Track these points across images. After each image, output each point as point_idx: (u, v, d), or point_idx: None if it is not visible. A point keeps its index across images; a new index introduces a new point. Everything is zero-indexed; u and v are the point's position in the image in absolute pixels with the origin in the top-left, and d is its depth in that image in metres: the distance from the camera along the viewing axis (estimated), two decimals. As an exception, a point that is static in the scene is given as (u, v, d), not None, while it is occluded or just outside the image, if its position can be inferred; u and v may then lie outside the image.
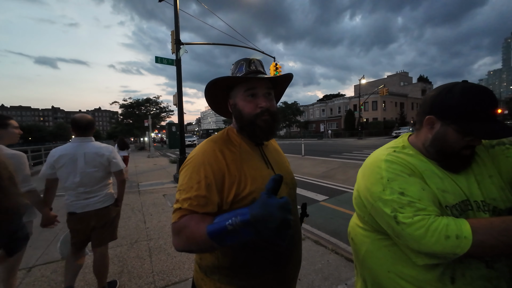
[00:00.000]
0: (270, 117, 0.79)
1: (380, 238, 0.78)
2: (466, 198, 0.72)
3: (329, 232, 3.36)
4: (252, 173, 0.75)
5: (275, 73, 11.69)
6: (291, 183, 0.88)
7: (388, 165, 0.74)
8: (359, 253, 0.86)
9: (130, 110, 35.02)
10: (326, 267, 2.35)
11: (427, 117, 0.75)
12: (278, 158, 0.90)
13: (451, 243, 0.59)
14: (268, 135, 0.81)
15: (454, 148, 0.72)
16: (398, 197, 0.68)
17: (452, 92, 0.71)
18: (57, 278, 2.29)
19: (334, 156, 11.76)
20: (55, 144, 17.02)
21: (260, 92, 0.78)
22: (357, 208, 0.84)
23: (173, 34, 7.89)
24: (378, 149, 0.87)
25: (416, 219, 0.63)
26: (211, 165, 0.71)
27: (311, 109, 51.92)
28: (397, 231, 0.67)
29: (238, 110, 0.80)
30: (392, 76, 55.39)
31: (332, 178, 6.78)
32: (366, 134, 32.65)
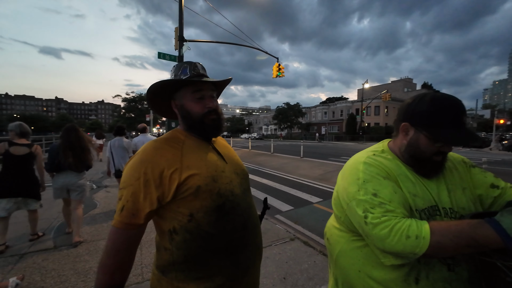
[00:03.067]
0: (217, 116, 0.87)
1: (354, 239, 0.81)
2: (435, 204, 0.75)
3: (319, 233, 3.39)
4: (194, 163, 0.78)
5: (277, 74, 11.69)
6: (242, 173, 0.94)
7: (366, 167, 0.77)
8: (333, 252, 0.89)
9: (133, 104, 35.10)
10: (312, 268, 2.39)
11: (402, 124, 0.79)
12: (228, 152, 0.97)
13: (411, 243, 0.62)
14: (216, 132, 0.89)
15: (426, 154, 0.75)
16: (370, 198, 0.71)
17: (423, 101, 0.75)
18: (48, 265, 2.34)
19: (332, 159, 11.77)
20: (57, 135, 17.09)
21: (206, 94, 0.85)
22: (335, 208, 0.87)
23: (177, 31, 7.93)
24: (359, 152, 0.90)
25: (383, 219, 0.66)
26: (152, 162, 0.74)
27: (313, 111, 51.86)
28: (366, 231, 0.70)
29: (187, 111, 0.85)
30: (396, 81, 55.20)
31: (328, 181, 6.80)
32: (367, 139, 32.59)
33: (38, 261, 2.42)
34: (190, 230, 0.75)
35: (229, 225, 0.78)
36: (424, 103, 0.74)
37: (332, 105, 48.38)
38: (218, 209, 0.77)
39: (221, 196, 0.78)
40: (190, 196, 0.74)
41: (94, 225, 3.39)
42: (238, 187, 0.86)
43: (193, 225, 0.75)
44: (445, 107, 0.72)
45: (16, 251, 2.62)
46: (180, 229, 0.75)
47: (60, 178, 2.90)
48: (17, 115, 77.30)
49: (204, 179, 0.76)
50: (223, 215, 0.78)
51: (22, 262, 2.40)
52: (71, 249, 2.67)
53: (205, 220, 0.75)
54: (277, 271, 2.33)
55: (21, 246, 2.72)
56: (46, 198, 4.50)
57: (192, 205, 0.75)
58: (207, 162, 0.82)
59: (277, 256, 2.59)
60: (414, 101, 0.78)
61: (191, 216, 0.75)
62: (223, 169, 0.84)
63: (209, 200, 0.76)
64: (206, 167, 0.80)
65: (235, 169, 0.90)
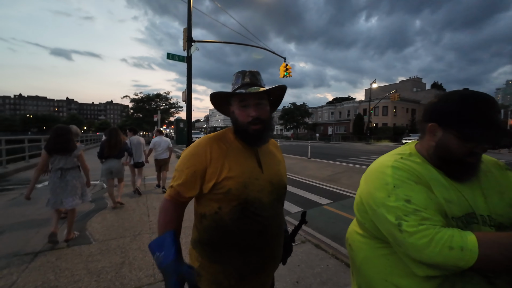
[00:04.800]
0: (261, 125, 0.90)
1: (379, 246, 0.77)
2: (472, 211, 0.70)
3: (330, 236, 3.33)
4: (232, 167, 0.88)
5: (284, 74, 11.64)
6: (278, 184, 0.97)
7: (395, 172, 0.73)
8: (356, 259, 0.85)
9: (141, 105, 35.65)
10: (325, 272, 2.33)
11: (429, 124, 0.75)
12: (271, 160, 1.01)
13: (454, 255, 0.58)
14: (258, 142, 0.94)
15: (457, 155, 0.71)
16: (403, 205, 0.66)
17: (452, 99, 0.71)
18: (61, 264, 2.37)
19: (340, 160, 11.62)
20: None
21: (251, 103, 0.89)
22: (358, 214, 0.83)
23: (186, 32, 7.98)
24: (383, 155, 0.86)
25: (421, 228, 0.62)
26: (200, 156, 0.88)
27: (320, 111, 51.45)
28: (399, 240, 0.65)
29: (235, 118, 0.93)
30: (405, 81, 54.12)
31: (337, 182, 6.70)
32: (374, 139, 32.08)
33: (52, 260, 2.45)
34: (216, 220, 0.87)
35: (246, 227, 0.87)
36: (453, 102, 0.70)
37: (339, 105, 47.88)
38: (240, 211, 0.87)
39: (247, 202, 0.87)
40: (221, 194, 0.86)
41: (105, 224, 3.42)
42: (268, 196, 0.92)
43: (218, 217, 0.87)
44: (476, 104, 0.67)
45: (29, 249, 2.66)
46: (209, 216, 0.89)
47: (107, 164, 4.13)
48: (30, 115, 79.63)
49: (236, 183, 0.86)
50: (243, 217, 0.87)
51: (36, 260, 2.43)
52: (84, 249, 2.69)
53: (228, 216, 0.86)
54: (289, 274, 2.29)
55: (35, 245, 2.77)
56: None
57: (221, 201, 0.87)
58: (244, 167, 0.90)
59: (289, 259, 2.53)
60: (441, 100, 0.73)
61: (219, 209, 0.87)
62: (258, 177, 0.91)
63: (235, 202, 0.86)
64: (241, 172, 0.88)
65: (271, 178, 0.95)
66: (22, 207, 4.10)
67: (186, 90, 7.98)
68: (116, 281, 2.13)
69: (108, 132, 4.19)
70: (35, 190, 5.13)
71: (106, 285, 2.08)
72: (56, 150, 2.82)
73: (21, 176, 6.77)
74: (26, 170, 7.67)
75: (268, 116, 0.93)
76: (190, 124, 7.88)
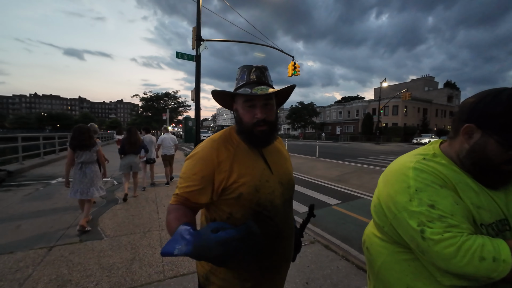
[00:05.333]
0: (267, 127, 0.84)
1: (399, 251, 0.73)
2: (505, 217, 0.65)
3: (340, 237, 3.27)
4: (242, 170, 0.83)
5: (293, 73, 11.54)
6: (287, 184, 0.94)
7: (417, 174, 0.68)
8: (374, 264, 0.82)
9: (150, 104, 36.25)
10: (336, 273, 2.29)
11: (466, 125, 0.68)
12: (278, 158, 0.96)
13: (486, 266, 0.54)
14: (263, 143, 0.88)
15: (493, 162, 0.65)
16: (427, 210, 0.62)
17: (498, 99, 0.63)
18: (74, 259, 2.42)
19: (349, 160, 11.44)
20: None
21: (258, 103, 0.83)
22: (376, 217, 0.79)
23: (195, 31, 8.02)
24: (404, 155, 0.81)
25: (447, 235, 0.58)
26: (207, 161, 0.82)
27: (328, 110, 50.82)
28: (422, 247, 0.62)
29: (239, 117, 0.87)
30: (416, 80, 52.69)
31: (346, 183, 6.60)
32: (384, 140, 31.41)
33: (65, 255, 2.51)
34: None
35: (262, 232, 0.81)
36: (498, 102, 0.63)
37: (347, 105, 47.15)
38: (254, 216, 0.82)
39: (259, 205, 0.83)
40: (232, 199, 0.82)
41: (116, 220, 3.48)
42: (279, 197, 0.88)
43: (231, 223, 0.81)
44: None
45: (44, 243, 2.74)
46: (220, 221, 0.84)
47: (126, 159, 4.64)
48: (44, 113, 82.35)
49: (247, 187, 0.82)
50: (257, 222, 0.79)
51: (51, 254, 2.50)
52: (96, 244, 2.75)
53: (241, 222, 0.81)
54: (299, 275, 2.26)
55: (50, 239, 2.84)
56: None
57: (233, 206, 0.83)
58: (254, 170, 0.85)
59: (298, 260, 2.51)
60: (484, 100, 0.66)
61: (230, 214, 0.83)
62: (268, 179, 0.87)
63: (248, 207, 0.82)
64: (252, 176, 0.84)
65: (280, 178, 0.91)
66: (38, 202, 4.23)
67: (194, 88, 8.03)
68: (126, 276, 2.17)
69: (128, 131, 4.77)
70: (50, 186, 5.33)
71: (117, 280, 2.11)
72: (79, 146, 3.18)
73: (37, 172, 6.99)
74: (41, 166, 7.93)
75: (274, 117, 0.87)
76: (199, 123, 7.94)
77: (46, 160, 8.51)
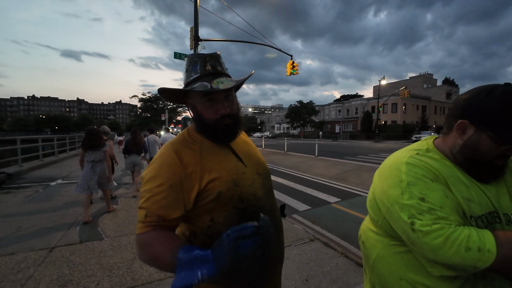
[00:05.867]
0: (232, 120, 0.78)
1: (393, 244, 0.75)
2: (494, 210, 0.67)
3: (340, 235, 3.29)
4: (214, 166, 0.74)
5: (291, 71, 11.53)
6: (264, 173, 0.87)
7: (409, 168, 0.70)
8: (369, 257, 0.83)
9: (149, 104, 36.19)
10: (335, 270, 2.31)
11: (460, 121, 0.69)
12: (248, 149, 0.89)
13: (472, 256, 0.56)
14: (230, 138, 0.81)
15: (486, 157, 0.66)
16: (417, 203, 0.64)
17: (492, 95, 0.64)
18: (75, 259, 2.43)
19: (348, 158, 11.48)
20: (79, 134, 18.00)
21: (218, 97, 0.75)
22: (371, 211, 0.81)
23: (192, 31, 8.02)
24: (398, 150, 0.83)
25: (435, 227, 0.59)
26: (171, 165, 0.71)
27: (327, 109, 50.87)
28: (412, 239, 0.63)
29: (198, 114, 0.78)
30: (415, 77, 52.79)
31: (346, 181, 6.62)
32: (383, 137, 31.48)
33: (66, 255, 2.52)
34: (210, 235, 0.72)
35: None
36: (492, 99, 0.63)
37: (346, 103, 47.19)
38: (239, 215, 0.73)
39: (242, 201, 0.74)
40: (210, 202, 0.71)
41: (116, 221, 3.50)
42: (261, 188, 0.81)
43: (213, 231, 0.72)
44: None
45: (46, 244, 2.75)
46: (200, 234, 0.74)
47: (130, 158, 5.00)
48: (42, 115, 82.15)
49: (226, 183, 0.73)
50: (245, 221, 0.69)
51: (52, 255, 2.51)
52: (96, 244, 2.76)
53: (226, 226, 0.69)
54: (299, 272, 2.28)
55: (51, 240, 2.86)
56: (72, 196, 4.72)
57: (213, 211, 0.73)
58: (227, 164, 0.77)
59: (298, 257, 2.54)
60: (478, 96, 0.67)
61: (212, 221, 0.73)
62: (244, 171, 0.79)
63: (230, 206, 0.73)
64: (227, 170, 0.75)
65: (256, 169, 0.85)
66: (38, 203, 4.24)
67: (193, 89, 8.05)
68: (127, 276, 2.18)
69: (132, 132, 5.15)
70: (50, 188, 5.34)
71: (118, 280, 2.13)
72: (90, 146, 3.61)
73: (36, 174, 6.99)
74: (40, 168, 7.92)
75: (237, 110, 0.81)
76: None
77: (45, 162, 8.51)
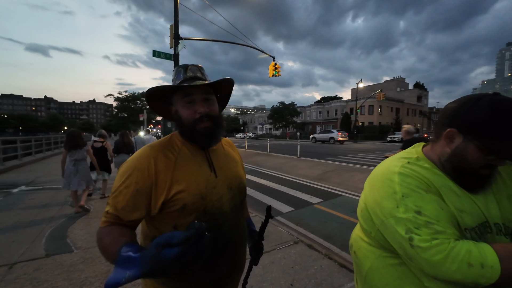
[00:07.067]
0: (211, 123, 0.79)
1: (386, 256, 0.72)
2: (486, 220, 0.66)
3: (323, 236, 3.33)
4: (185, 179, 0.76)
5: (274, 73, 11.61)
6: (237, 188, 0.89)
7: (402, 179, 0.67)
8: (362, 268, 0.81)
9: (125, 104, 34.55)
10: (319, 273, 2.31)
11: (448, 129, 0.68)
12: (226, 163, 0.90)
13: (474, 273, 0.54)
14: (209, 141, 0.82)
15: (472, 166, 0.66)
16: (414, 216, 0.62)
17: (479, 105, 0.63)
18: (40, 276, 2.20)
19: (329, 158, 11.79)
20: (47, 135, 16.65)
21: (197, 98, 0.79)
22: (363, 221, 0.78)
23: (172, 29, 7.75)
24: (388, 158, 0.81)
25: (435, 243, 0.57)
26: (142, 171, 0.73)
27: (308, 110, 52.07)
28: (410, 254, 0.61)
29: (179, 116, 0.81)
30: (389, 81, 55.89)
31: (327, 181, 6.77)
32: (361, 138, 32.86)
33: (29, 272, 2.27)
34: None
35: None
36: (480, 108, 0.63)
37: (327, 105, 48.66)
38: None
39: (206, 213, 0.77)
40: (175, 211, 0.74)
41: (88, 230, 3.23)
42: (228, 203, 0.83)
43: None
44: (508, 115, 0.60)
45: (5, 260, 2.46)
46: None
47: (119, 157, 5.29)
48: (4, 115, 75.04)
49: (192, 197, 0.75)
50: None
51: (12, 273, 2.24)
52: (65, 258, 2.52)
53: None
54: (284, 277, 2.25)
55: (11, 255, 2.56)
56: (38, 204, 4.31)
57: (177, 218, 0.75)
58: (198, 177, 0.79)
59: (282, 261, 2.51)
60: (466, 105, 0.66)
61: (175, 228, 0.76)
62: (215, 185, 0.81)
63: (194, 216, 0.76)
64: (196, 183, 0.77)
65: (229, 183, 0.86)
66: (-4, 214, 3.81)
67: (173, 89, 7.78)
68: (101, 292, 2.01)
69: (121, 135, 5.52)
70: (12, 196, 4.85)
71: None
72: (72, 146, 3.94)
73: (-5, 180, 6.31)
74: (1, 174, 7.18)
75: (217, 113, 0.83)
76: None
77: (6, 167, 7.72)
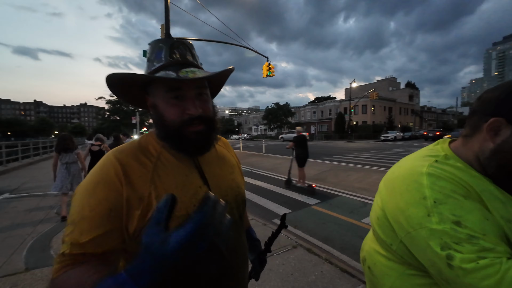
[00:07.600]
0: (205, 126, 0.59)
1: (412, 274, 0.59)
2: None
3: (322, 238, 3.22)
4: (166, 189, 0.56)
5: (268, 73, 11.49)
6: (234, 200, 0.69)
7: (433, 181, 0.54)
8: (379, 287, 0.68)
9: (117, 106, 34.00)
10: (320, 279, 2.19)
11: (492, 119, 0.55)
12: (220, 169, 0.69)
13: None
14: (200, 150, 0.62)
15: None
16: (452, 228, 0.49)
17: None
18: (17, 293, 2.01)
19: (325, 158, 11.74)
20: (37, 139, 16.18)
21: (188, 93, 0.57)
22: (381, 231, 0.65)
23: (163, 29, 7.58)
24: (408, 157, 0.68)
25: (483, 263, 0.45)
26: (109, 183, 0.52)
27: (302, 110, 52.29)
28: (447, 276, 0.48)
29: (160, 114, 0.58)
30: (381, 80, 56.70)
31: (324, 181, 6.69)
32: (355, 137, 33.10)
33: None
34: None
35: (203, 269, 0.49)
36: None
37: (320, 105, 48.97)
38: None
39: None
40: None
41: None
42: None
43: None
44: None
45: (-21, 276, 2.25)
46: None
47: None
48: (-9, 119, 72.82)
49: (177, 218, 0.53)
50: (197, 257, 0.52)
51: (-15, 290, 2.05)
52: (46, 272, 2.32)
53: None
54: (283, 285, 2.11)
55: (-15, 270, 2.35)
56: (21, 212, 4.07)
57: None
58: (184, 189, 0.58)
59: (281, 268, 2.38)
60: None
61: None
62: None
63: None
64: (181, 200, 0.55)
65: (224, 195, 0.66)
66: (-26, 224, 3.56)
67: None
68: (84, 309, 1.83)
69: (115, 138, 5.64)
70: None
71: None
72: (63, 149, 3.98)
73: (-23, 188, 6.00)
74: (-17, 180, 6.85)
75: (212, 112, 0.63)
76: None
77: (-10, 173, 7.38)
